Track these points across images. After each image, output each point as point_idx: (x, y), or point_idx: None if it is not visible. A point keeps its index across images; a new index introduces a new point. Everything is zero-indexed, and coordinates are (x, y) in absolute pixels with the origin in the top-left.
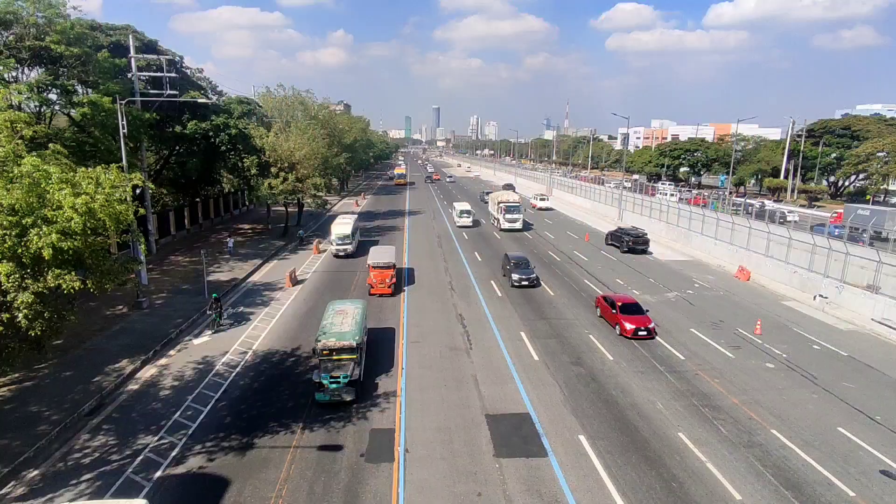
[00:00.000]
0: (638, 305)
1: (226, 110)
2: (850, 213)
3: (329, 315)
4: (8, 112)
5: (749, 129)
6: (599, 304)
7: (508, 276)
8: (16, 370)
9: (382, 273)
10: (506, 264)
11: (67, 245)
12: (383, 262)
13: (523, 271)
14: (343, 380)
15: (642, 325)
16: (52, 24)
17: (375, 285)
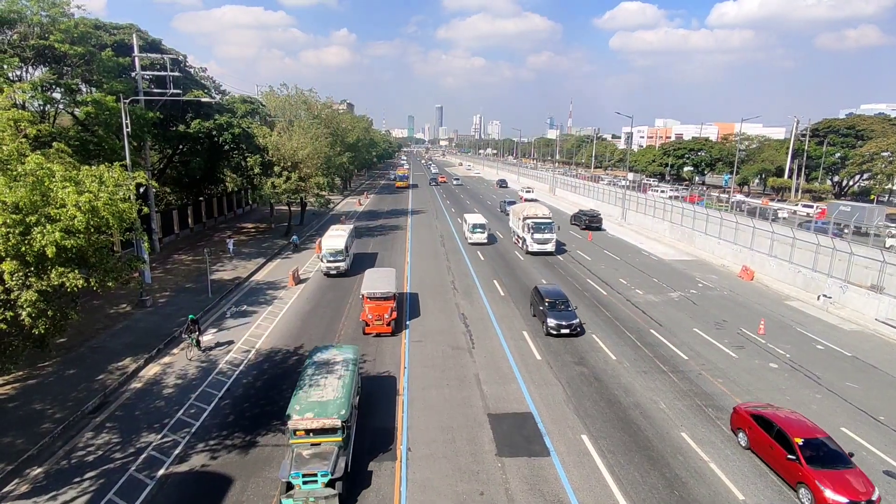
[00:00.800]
0: (833, 449)
1: (229, 109)
2: (833, 209)
3: (307, 374)
4: (12, 111)
5: (753, 128)
6: (742, 422)
7: (541, 319)
8: (19, 368)
9: (380, 306)
10: (536, 301)
11: (71, 243)
12: (381, 291)
13: (562, 314)
14: (322, 477)
15: (860, 497)
16: (56, 23)
17: (371, 322)
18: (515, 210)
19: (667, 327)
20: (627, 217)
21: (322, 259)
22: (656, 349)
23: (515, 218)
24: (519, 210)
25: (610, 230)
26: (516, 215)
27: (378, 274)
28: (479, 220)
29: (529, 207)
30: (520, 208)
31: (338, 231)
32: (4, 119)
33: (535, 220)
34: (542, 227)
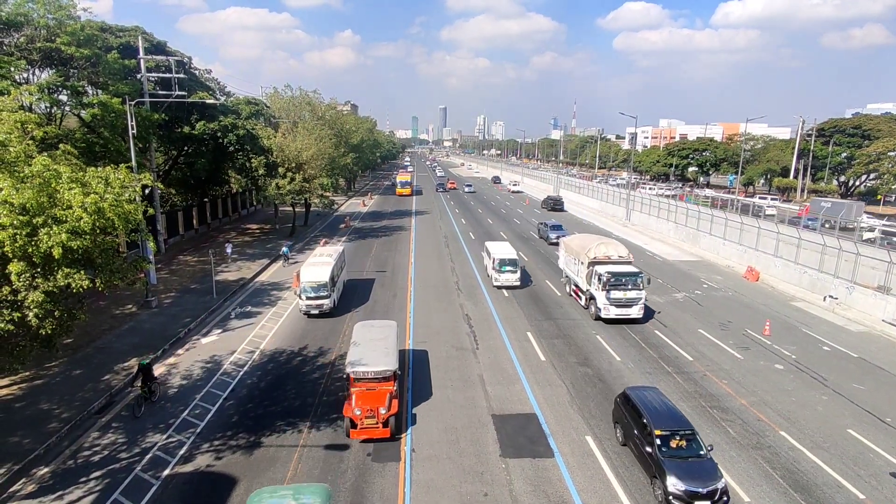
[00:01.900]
0: None
1: (234, 111)
2: (815, 206)
3: None
4: (19, 113)
5: (758, 128)
6: None
7: (648, 470)
8: (26, 368)
9: (373, 394)
10: (631, 423)
11: (77, 244)
12: (375, 368)
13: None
14: None
15: None
16: (63, 25)
17: (360, 420)
18: (572, 245)
19: (671, 328)
20: (632, 217)
21: (300, 295)
22: (661, 350)
23: (572, 257)
24: (579, 246)
25: (614, 231)
26: (574, 254)
27: (371, 333)
28: (508, 253)
29: (598, 244)
30: (580, 243)
31: (322, 257)
32: (11, 121)
33: (613, 270)
34: (625, 279)
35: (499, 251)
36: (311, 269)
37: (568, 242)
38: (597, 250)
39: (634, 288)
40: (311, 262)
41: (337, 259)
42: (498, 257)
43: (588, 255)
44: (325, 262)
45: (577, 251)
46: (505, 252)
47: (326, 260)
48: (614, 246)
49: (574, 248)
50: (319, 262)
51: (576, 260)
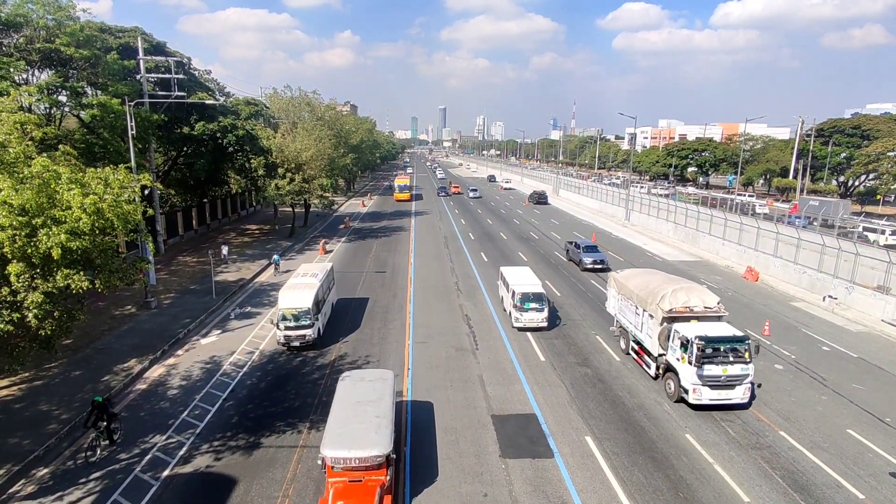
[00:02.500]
0: None
1: (233, 111)
2: (804, 204)
3: None
4: (18, 114)
5: (758, 128)
6: None
7: None
8: (26, 369)
9: (358, 487)
10: None
11: (76, 245)
12: (361, 452)
13: None
14: None
15: None
16: (62, 26)
17: None
18: (630, 286)
19: None
20: (631, 217)
21: (276, 324)
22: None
23: (630, 303)
24: (642, 289)
25: (614, 231)
26: (633, 298)
27: (359, 391)
28: (531, 285)
29: (673, 289)
30: (643, 284)
31: (305, 277)
32: (11, 122)
33: (705, 334)
34: (725, 348)
35: (519, 281)
36: (291, 292)
37: (622, 281)
38: (673, 299)
39: (739, 360)
40: (292, 283)
41: (323, 279)
42: (519, 290)
43: (660, 304)
44: (308, 283)
45: (638, 295)
46: (527, 283)
47: (310, 281)
48: (697, 292)
49: (633, 289)
50: (301, 285)
51: (637, 308)
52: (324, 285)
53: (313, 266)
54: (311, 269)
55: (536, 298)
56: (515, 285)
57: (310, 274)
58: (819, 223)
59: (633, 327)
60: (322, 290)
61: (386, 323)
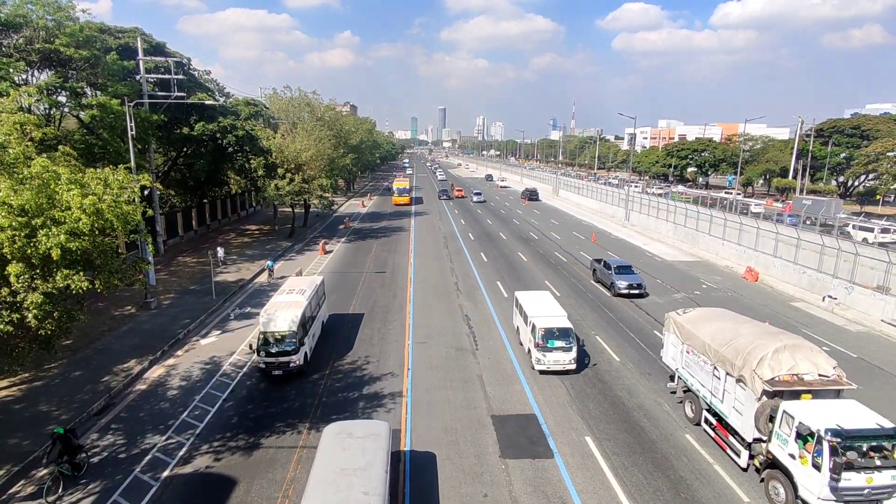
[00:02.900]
0: None
1: (233, 112)
2: (797, 203)
3: None
4: (18, 114)
5: (757, 128)
6: None
7: None
8: (25, 370)
9: None
10: None
11: (76, 245)
12: None
13: None
14: None
15: None
16: (62, 26)
17: None
18: (703, 336)
19: None
20: (630, 218)
21: (257, 350)
22: (660, 351)
23: (706, 360)
24: (725, 346)
25: (613, 231)
26: (711, 355)
27: (344, 455)
28: (555, 318)
29: (775, 348)
30: (726, 336)
31: (291, 295)
32: (10, 123)
33: (842, 429)
34: (869, 446)
35: (539, 311)
36: (274, 312)
37: (688, 327)
38: (774, 363)
39: (888, 465)
40: (276, 301)
41: (312, 295)
42: (541, 325)
43: (757, 370)
44: (293, 301)
45: (717, 352)
46: (550, 314)
47: (296, 299)
48: (806, 352)
49: (707, 342)
50: (286, 303)
51: (716, 368)
52: (312, 303)
53: (301, 280)
54: (298, 284)
55: (563, 335)
56: (536, 317)
57: (296, 290)
58: (809, 222)
59: (708, 393)
60: (311, 308)
61: (386, 323)
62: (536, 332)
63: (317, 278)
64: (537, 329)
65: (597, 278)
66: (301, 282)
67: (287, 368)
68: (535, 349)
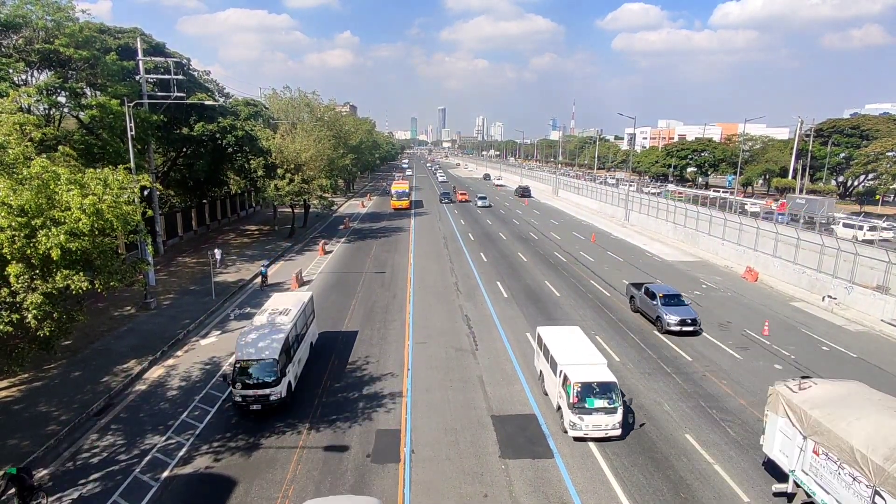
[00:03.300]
0: None
1: (233, 112)
2: (791, 202)
3: None
4: (17, 115)
5: (757, 128)
6: None
7: None
8: (25, 370)
9: None
10: None
11: (75, 245)
12: None
13: None
14: None
15: None
16: (61, 27)
17: None
18: (836, 430)
19: None
20: (630, 218)
21: (232, 381)
22: (660, 351)
23: (842, 460)
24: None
25: (613, 231)
26: (870, 467)
27: None
28: (595, 371)
29: None
30: (872, 431)
31: (274, 315)
32: (10, 123)
33: None
34: None
35: (571, 357)
36: (253, 338)
37: (820, 419)
38: None
39: None
40: (256, 323)
41: (298, 315)
42: (577, 378)
43: None
44: (276, 324)
45: (875, 463)
46: (586, 363)
47: (279, 321)
48: None
49: (863, 450)
50: (267, 327)
51: (878, 494)
52: (298, 323)
53: (287, 297)
54: (282, 303)
55: (605, 391)
56: (568, 366)
57: (280, 310)
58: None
59: None
60: (296, 331)
61: (386, 323)
62: (570, 387)
63: (304, 295)
64: (571, 383)
65: (636, 308)
66: (286, 299)
67: (267, 402)
68: (570, 410)
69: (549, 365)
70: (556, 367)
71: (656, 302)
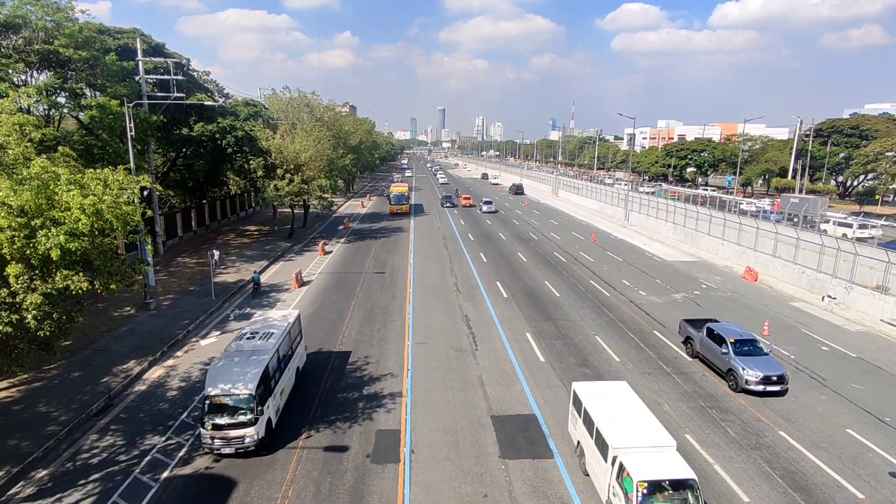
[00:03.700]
0: None
1: (232, 112)
2: (785, 201)
3: None
4: (17, 115)
5: (756, 128)
6: None
7: None
8: (25, 371)
9: None
10: None
11: (75, 246)
12: None
13: None
14: None
15: None
16: (61, 27)
17: None
18: None
19: (670, 329)
20: (630, 218)
21: (203, 420)
22: (660, 350)
23: None
24: None
25: (613, 231)
26: None
27: None
28: (667, 462)
29: None
30: None
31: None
32: (10, 124)
33: None
34: None
35: (629, 437)
36: (227, 367)
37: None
38: None
39: None
40: (233, 349)
41: (281, 338)
42: (641, 474)
43: None
44: (254, 349)
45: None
46: (649, 446)
47: (258, 347)
48: None
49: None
50: (243, 354)
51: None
52: (282, 348)
53: (273, 314)
54: (264, 324)
55: (679, 490)
56: (623, 450)
57: (260, 334)
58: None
59: None
60: (278, 358)
61: (385, 324)
62: (630, 483)
63: (291, 314)
64: (633, 480)
65: (695, 353)
66: (271, 316)
67: (241, 445)
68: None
69: (594, 440)
70: (605, 449)
71: (727, 351)
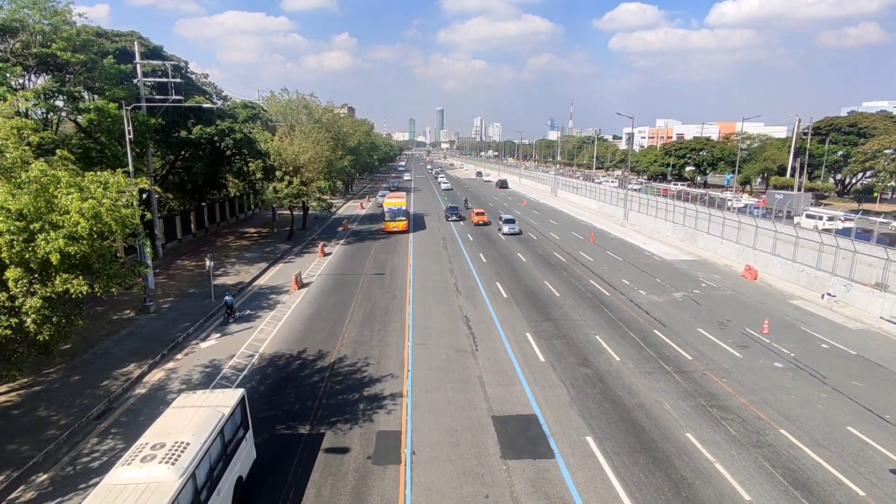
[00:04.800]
0: None
1: (231, 115)
2: (771, 198)
3: None
4: (15, 119)
5: (755, 127)
6: None
7: None
8: (24, 375)
9: None
10: None
11: (74, 249)
12: None
13: None
14: None
15: None
16: (58, 31)
17: None
18: None
19: (670, 327)
20: (629, 217)
21: None
22: (660, 350)
23: None
24: None
25: (612, 231)
26: None
27: None
28: None
29: None
30: None
31: (143, 468)
32: (8, 127)
33: None
34: None
35: None
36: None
37: None
38: None
39: None
40: (122, 479)
41: (200, 452)
42: None
43: None
44: (157, 481)
45: None
46: None
47: (156, 478)
48: None
49: None
50: (134, 490)
51: None
52: (201, 468)
53: (190, 415)
54: (180, 425)
55: None
56: None
57: (169, 445)
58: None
59: None
60: (196, 486)
61: (385, 325)
62: None
63: (227, 398)
64: None
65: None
66: (189, 418)
67: None
68: None
69: None
70: None
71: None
